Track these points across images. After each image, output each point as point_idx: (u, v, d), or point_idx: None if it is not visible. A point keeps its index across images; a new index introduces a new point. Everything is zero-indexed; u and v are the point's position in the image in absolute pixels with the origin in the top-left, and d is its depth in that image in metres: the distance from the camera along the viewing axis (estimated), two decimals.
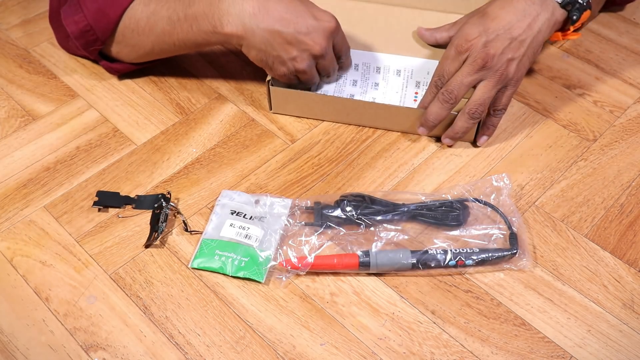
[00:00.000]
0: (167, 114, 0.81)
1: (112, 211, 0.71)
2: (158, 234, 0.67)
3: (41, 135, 0.79)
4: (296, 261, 0.65)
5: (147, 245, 0.68)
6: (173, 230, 0.69)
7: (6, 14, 0.96)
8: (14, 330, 0.62)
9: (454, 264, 0.65)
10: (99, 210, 0.71)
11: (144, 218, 0.70)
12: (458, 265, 0.65)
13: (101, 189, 0.73)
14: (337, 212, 0.68)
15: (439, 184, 0.74)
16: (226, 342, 0.61)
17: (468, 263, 0.65)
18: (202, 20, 0.71)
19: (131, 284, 0.65)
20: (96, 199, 0.71)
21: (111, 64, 0.83)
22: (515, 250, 0.66)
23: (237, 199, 0.71)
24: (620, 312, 0.63)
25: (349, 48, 0.78)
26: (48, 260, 0.67)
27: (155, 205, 0.70)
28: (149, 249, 0.68)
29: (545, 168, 0.76)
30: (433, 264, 0.65)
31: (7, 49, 0.90)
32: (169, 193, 0.71)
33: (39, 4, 0.97)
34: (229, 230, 0.68)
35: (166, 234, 0.69)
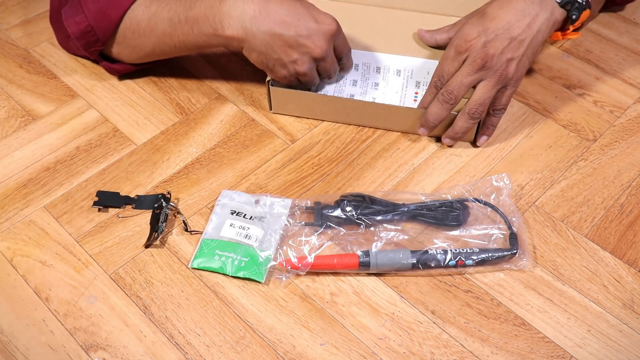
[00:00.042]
0: (167, 114, 0.81)
1: (112, 211, 0.71)
2: (158, 234, 0.67)
3: (41, 135, 0.79)
4: (296, 261, 0.65)
5: (147, 245, 0.68)
6: (173, 230, 0.69)
7: (6, 14, 0.96)
8: (14, 330, 0.62)
9: (454, 264, 0.65)
10: (99, 210, 0.71)
11: (144, 218, 0.70)
12: (458, 265, 0.65)
13: (101, 189, 0.73)
14: (337, 212, 0.68)
15: (439, 184, 0.74)
16: (226, 342, 0.61)
17: (468, 263, 0.65)
18: (203, 22, 0.71)
19: (131, 284, 0.65)
20: (96, 199, 0.71)
21: (112, 64, 0.83)
22: (515, 250, 0.66)
23: (237, 199, 0.71)
24: (620, 312, 0.63)
25: (349, 49, 0.78)
26: (48, 260, 0.67)
27: (155, 205, 0.70)
28: (149, 249, 0.68)
29: (545, 168, 0.76)
30: (433, 264, 0.65)
31: (7, 49, 0.90)
32: (169, 193, 0.71)
33: (39, 4, 0.97)
34: (229, 230, 0.68)
35: (166, 234, 0.69)
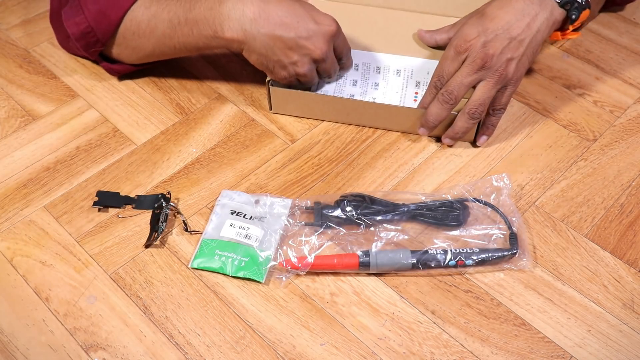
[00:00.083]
0: (167, 114, 0.81)
1: (112, 211, 0.71)
2: (158, 234, 0.67)
3: (41, 135, 0.79)
4: (296, 261, 0.65)
5: (147, 245, 0.68)
6: (173, 230, 0.69)
7: (6, 14, 0.96)
8: (14, 330, 0.62)
9: (454, 264, 0.65)
10: (99, 210, 0.71)
11: (144, 218, 0.70)
12: (458, 265, 0.65)
13: (101, 189, 0.73)
14: (337, 212, 0.68)
15: (439, 184, 0.74)
16: (226, 342, 0.61)
17: (468, 263, 0.65)
18: (203, 24, 0.71)
19: (131, 284, 0.65)
20: (96, 199, 0.71)
21: (112, 65, 0.83)
22: (515, 250, 0.66)
23: (237, 199, 0.71)
24: (620, 312, 0.63)
25: (349, 49, 0.78)
26: (48, 260, 0.67)
27: (155, 205, 0.70)
28: (149, 249, 0.68)
29: (545, 168, 0.76)
30: (433, 264, 0.65)
31: (7, 49, 0.90)
32: (169, 193, 0.71)
33: (39, 4, 0.97)
34: (229, 230, 0.68)
35: (166, 234, 0.69)
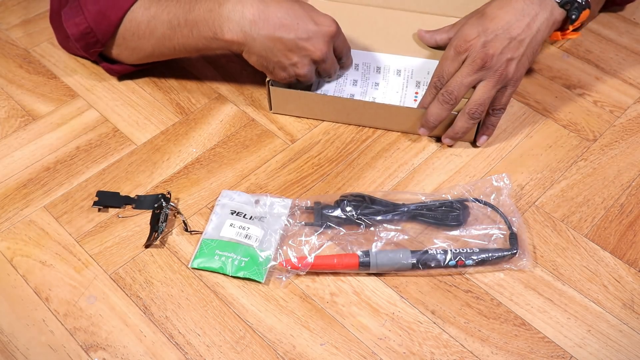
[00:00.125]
0: (167, 114, 0.81)
1: (112, 211, 0.71)
2: (158, 234, 0.67)
3: (41, 135, 0.79)
4: (296, 261, 0.65)
5: (147, 245, 0.68)
6: (173, 230, 0.69)
7: (6, 14, 0.96)
8: (14, 330, 0.62)
9: (454, 264, 0.65)
10: (99, 210, 0.71)
11: (144, 218, 0.70)
12: (458, 265, 0.65)
13: (101, 189, 0.73)
14: (337, 212, 0.68)
15: (439, 184, 0.74)
16: (226, 342, 0.61)
17: (468, 263, 0.65)
18: (203, 26, 0.71)
19: (131, 284, 0.65)
20: (96, 199, 0.71)
21: (111, 65, 0.83)
22: (515, 250, 0.66)
23: (237, 199, 0.71)
24: (620, 312, 0.63)
25: (349, 49, 0.78)
26: (48, 260, 0.67)
27: (155, 205, 0.70)
28: (149, 249, 0.68)
29: (545, 168, 0.76)
30: (433, 264, 0.65)
31: (7, 49, 0.90)
32: (169, 193, 0.71)
33: (39, 4, 0.97)
34: (229, 230, 0.68)
35: (166, 234, 0.69)
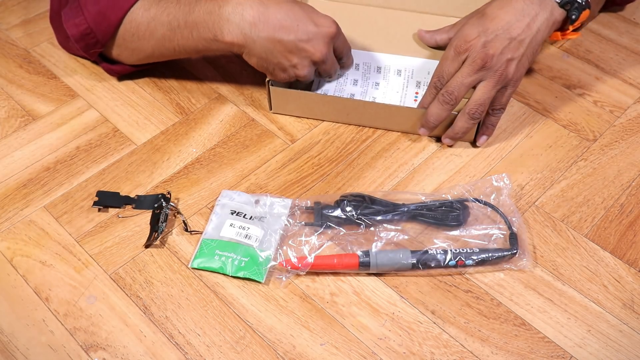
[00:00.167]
0: (167, 114, 0.81)
1: (112, 211, 0.71)
2: (158, 234, 0.67)
3: (41, 135, 0.79)
4: (296, 261, 0.65)
5: (147, 245, 0.68)
6: (173, 230, 0.69)
7: (6, 14, 0.96)
8: (14, 330, 0.62)
9: (454, 264, 0.65)
10: (99, 210, 0.71)
11: (144, 218, 0.70)
12: (458, 265, 0.65)
13: (101, 189, 0.73)
14: (337, 212, 0.68)
15: (439, 184, 0.74)
16: (226, 342, 0.61)
17: (468, 263, 0.65)
18: (203, 28, 0.71)
19: (131, 284, 0.65)
20: (96, 199, 0.71)
21: (111, 65, 0.83)
22: (515, 250, 0.66)
23: (237, 199, 0.71)
24: (620, 312, 0.63)
25: (350, 49, 0.78)
26: (48, 260, 0.67)
27: (155, 205, 0.70)
28: (149, 249, 0.68)
29: (545, 168, 0.76)
30: (433, 264, 0.65)
31: (7, 49, 0.90)
32: (169, 193, 0.71)
33: (39, 4, 0.97)
34: (229, 230, 0.68)
35: (166, 234, 0.69)
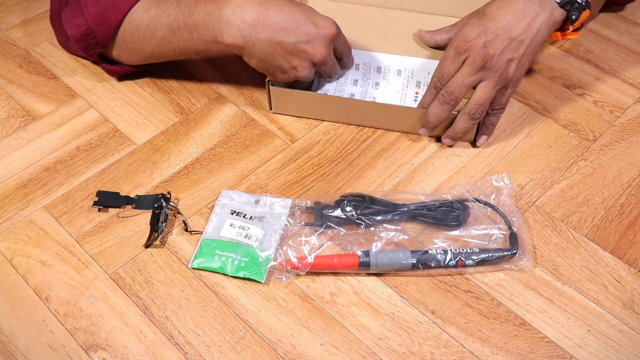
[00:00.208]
0: (167, 114, 0.81)
1: (112, 211, 0.71)
2: (158, 234, 0.67)
3: (41, 135, 0.79)
4: (296, 261, 0.65)
5: (147, 245, 0.68)
6: (173, 230, 0.69)
7: (6, 14, 0.96)
8: (14, 330, 0.62)
9: (454, 264, 0.65)
10: (99, 210, 0.71)
11: (144, 218, 0.70)
12: (458, 265, 0.65)
13: (101, 189, 0.73)
14: (337, 212, 0.68)
15: (439, 184, 0.74)
16: (226, 342, 0.61)
17: (468, 263, 0.65)
18: (203, 29, 0.71)
19: (131, 284, 0.65)
20: (96, 199, 0.71)
21: (111, 66, 0.83)
22: (515, 250, 0.66)
23: (237, 199, 0.71)
24: (620, 312, 0.63)
25: (350, 49, 0.78)
26: (48, 260, 0.67)
27: (155, 205, 0.70)
28: (149, 249, 0.68)
29: (545, 168, 0.76)
30: (433, 264, 0.65)
31: (7, 49, 0.90)
32: (169, 193, 0.71)
33: (39, 4, 0.97)
34: (229, 230, 0.68)
35: (166, 234, 0.69)
